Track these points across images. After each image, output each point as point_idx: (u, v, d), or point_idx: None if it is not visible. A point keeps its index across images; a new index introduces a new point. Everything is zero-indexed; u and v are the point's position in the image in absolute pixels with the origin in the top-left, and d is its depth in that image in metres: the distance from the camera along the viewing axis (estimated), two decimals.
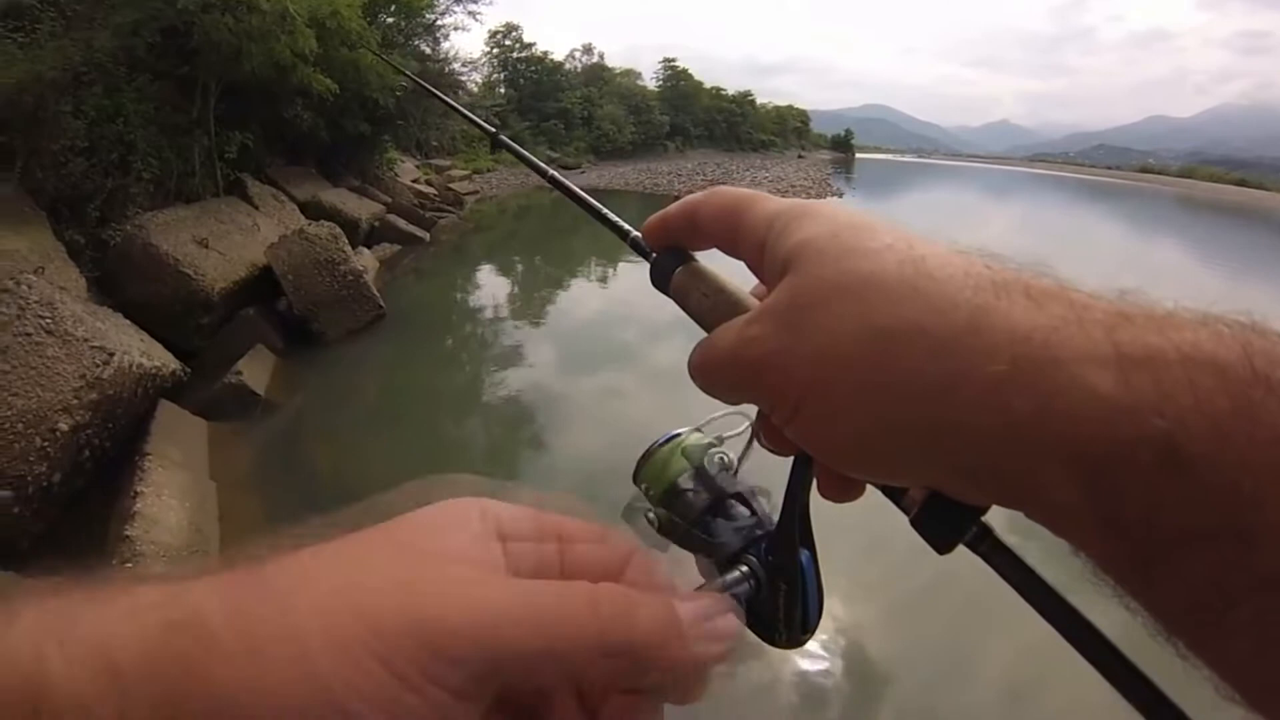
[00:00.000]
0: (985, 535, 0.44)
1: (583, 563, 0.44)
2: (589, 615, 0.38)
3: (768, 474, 0.64)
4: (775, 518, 0.59)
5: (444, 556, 0.38)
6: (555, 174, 0.91)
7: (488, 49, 54.07)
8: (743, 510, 0.62)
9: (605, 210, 0.73)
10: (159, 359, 6.48)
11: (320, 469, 6.70)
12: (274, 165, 14.41)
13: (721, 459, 0.65)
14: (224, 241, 9.51)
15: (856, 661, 4.75)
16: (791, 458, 0.52)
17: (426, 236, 17.48)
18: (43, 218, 8.05)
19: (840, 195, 42.54)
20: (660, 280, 0.62)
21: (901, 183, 73.07)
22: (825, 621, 0.55)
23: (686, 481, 0.64)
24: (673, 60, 76.78)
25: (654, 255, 0.63)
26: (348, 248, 9.93)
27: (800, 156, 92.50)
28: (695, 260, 0.61)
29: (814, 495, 0.53)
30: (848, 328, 0.41)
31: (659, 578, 0.46)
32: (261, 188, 12.85)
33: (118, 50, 9.54)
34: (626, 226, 0.68)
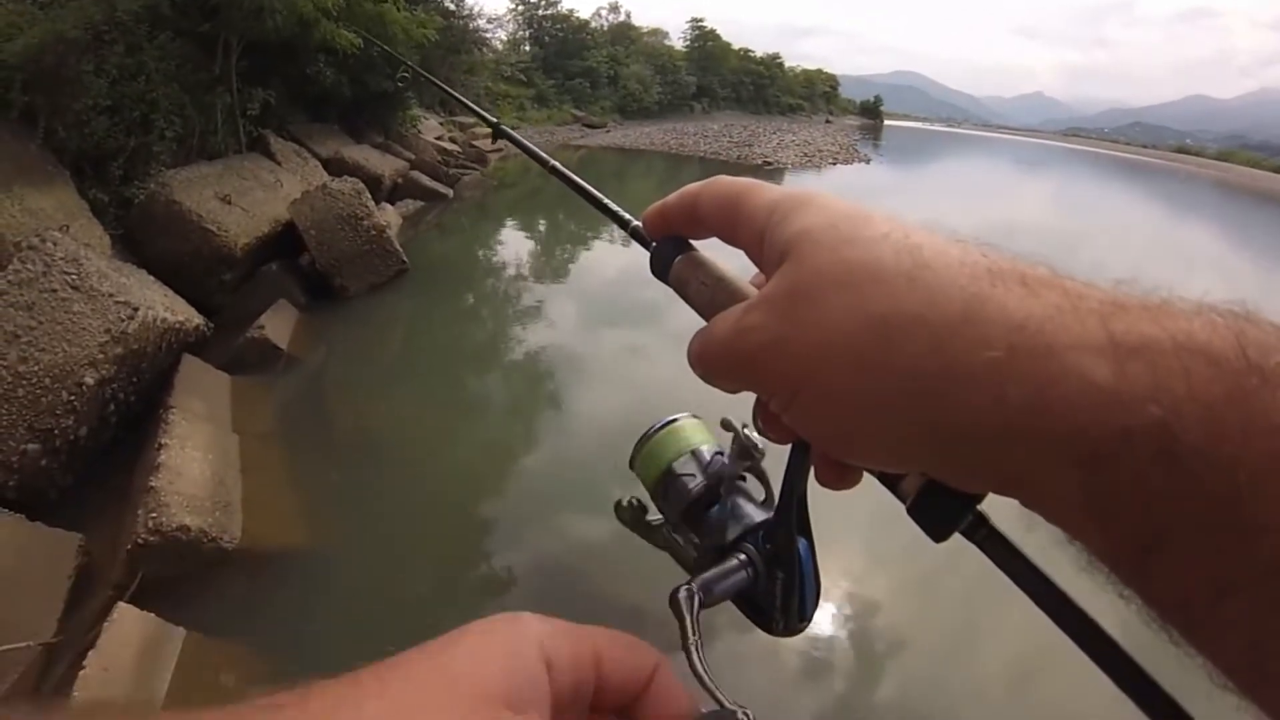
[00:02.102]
0: (981, 523, 0.46)
1: (615, 678, 0.43)
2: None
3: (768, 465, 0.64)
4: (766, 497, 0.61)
5: (497, 701, 0.37)
6: (556, 164, 0.94)
7: (513, 5, 53.82)
8: (739, 497, 0.63)
9: (605, 199, 0.78)
10: (182, 314, 6.52)
11: (342, 422, 6.77)
12: (297, 122, 14.33)
13: (717, 447, 0.66)
14: (247, 198, 9.52)
15: (860, 633, 4.78)
16: (788, 445, 0.53)
17: (450, 193, 17.43)
18: (66, 176, 8.07)
19: (867, 161, 42.09)
20: (660, 269, 0.64)
21: (930, 152, 72.19)
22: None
23: (682, 466, 0.66)
24: (700, 20, 76.01)
25: (654, 244, 0.64)
26: (371, 203, 9.94)
27: (828, 121, 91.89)
28: (694, 249, 0.62)
29: (811, 483, 0.54)
30: (845, 317, 0.42)
31: (678, 693, 0.45)
32: (284, 144, 12.82)
33: (140, 8, 9.53)
34: (626, 216, 0.71)
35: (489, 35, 29.14)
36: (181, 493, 4.63)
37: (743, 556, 0.57)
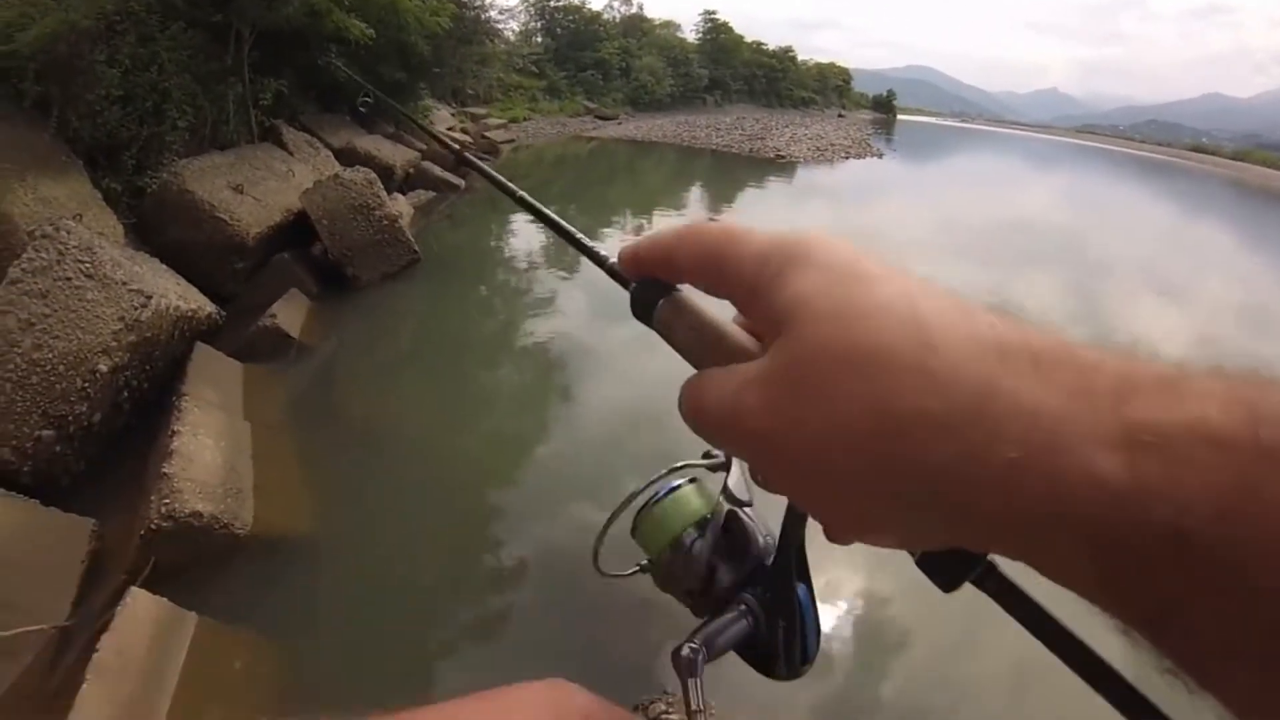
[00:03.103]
0: (991, 572, 0.46)
1: None
2: None
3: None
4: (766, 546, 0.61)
5: None
6: (527, 197, 0.89)
7: None
8: (745, 545, 0.63)
9: (581, 237, 0.74)
10: (195, 302, 6.55)
11: (353, 410, 6.77)
12: (308, 112, 14.38)
13: (718, 504, 0.66)
14: (259, 187, 9.55)
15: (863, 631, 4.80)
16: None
17: (461, 183, 17.40)
18: (79, 166, 8.10)
19: (880, 156, 42.02)
20: (641, 312, 0.60)
21: (942, 146, 71.86)
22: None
23: (690, 534, 0.66)
24: (713, 13, 75.70)
25: (633, 285, 0.61)
26: (383, 193, 9.95)
27: (840, 115, 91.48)
28: (678, 291, 0.58)
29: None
30: (849, 407, 0.40)
31: None
32: (296, 134, 12.85)
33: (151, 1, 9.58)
34: (604, 254, 0.68)
35: (501, 26, 29.07)
36: (194, 479, 4.65)
37: (742, 606, 0.58)
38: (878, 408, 0.39)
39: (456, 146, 1.24)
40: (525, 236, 14.48)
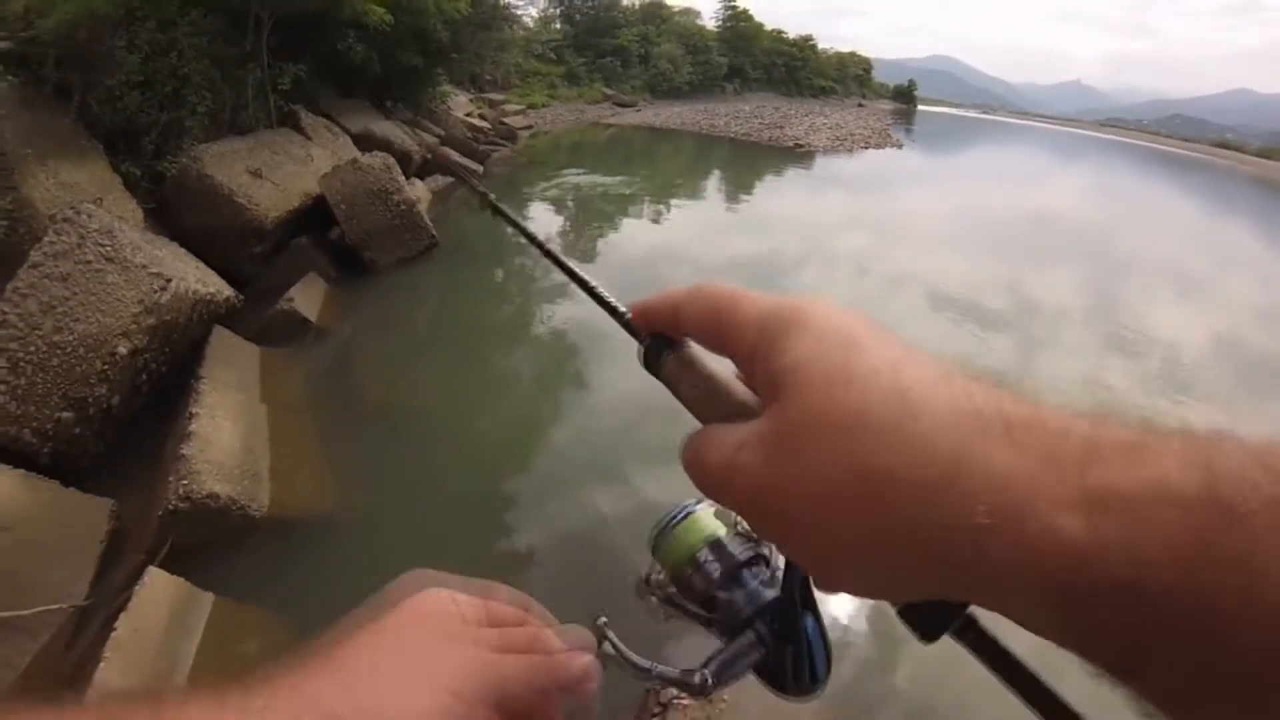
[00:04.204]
0: (970, 625, 0.47)
1: (506, 622, 0.57)
2: (544, 671, 0.53)
3: None
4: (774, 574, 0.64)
5: (445, 640, 0.52)
6: (546, 246, 0.90)
7: None
8: (755, 575, 0.65)
9: (599, 288, 0.74)
10: (214, 285, 6.60)
11: (368, 394, 6.82)
12: (327, 98, 14.38)
13: (737, 527, 0.68)
14: (278, 172, 9.59)
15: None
16: None
17: (480, 170, 17.46)
18: (99, 150, 8.18)
19: (900, 146, 41.91)
20: (651, 365, 0.62)
21: (963, 138, 71.34)
22: None
23: (704, 555, 0.67)
24: (733, 1, 75.48)
25: (645, 339, 0.63)
26: (401, 178, 9.98)
27: (860, 104, 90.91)
28: (686, 346, 0.60)
29: None
30: (834, 468, 0.42)
31: (541, 618, 0.61)
32: (315, 119, 12.87)
33: None
34: (621, 308, 0.68)
35: (520, 13, 29.05)
36: (211, 461, 4.70)
37: (753, 636, 0.61)
38: (860, 471, 0.42)
39: (481, 191, 1.24)
40: (542, 223, 14.51)
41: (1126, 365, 10.41)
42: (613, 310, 0.69)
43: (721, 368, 0.57)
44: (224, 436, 5.02)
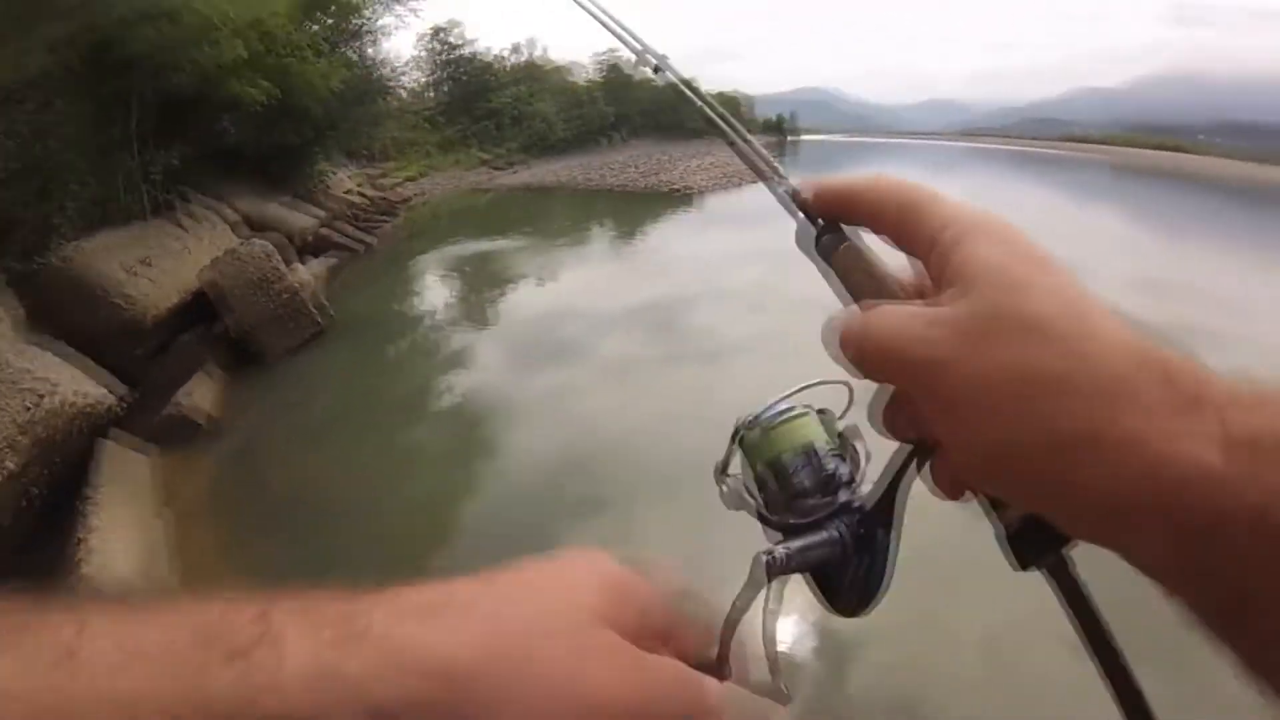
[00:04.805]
0: (1063, 564, 0.50)
1: (659, 623, 0.51)
2: (690, 697, 0.48)
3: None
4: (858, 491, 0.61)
5: (611, 636, 0.47)
6: (721, 113, 0.87)
7: (421, 50, 53.67)
8: (842, 487, 0.63)
9: (767, 156, 0.72)
10: (93, 395, 6.38)
11: (272, 491, 6.61)
12: (205, 183, 14.12)
13: (829, 443, 0.64)
14: (156, 266, 9.35)
15: None
16: (899, 444, 0.57)
17: (364, 246, 17.39)
18: None
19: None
20: (823, 250, 0.63)
21: (838, 163, 73.10)
22: None
23: (793, 460, 0.64)
24: (610, 52, 76.16)
25: (819, 224, 0.63)
26: (282, 265, 9.83)
27: None
28: (859, 236, 0.61)
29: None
30: (1014, 362, 0.45)
31: (708, 635, 0.53)
32: (192, 207, 12.62)
33: (49, 67, 9.34)
34: (783, 174, 0.68)
35: (393, 84, 28.92)
36: (113, 578, 4.50)
37: (834, 533, 0.59)
38: (1034, 366, 0.45)
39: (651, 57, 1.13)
40: (431, 294, 14.45)
41: None
42: (791, 193, 0.66)
43: (887, 262, 0.60)
44: (118, 561, 4.80)
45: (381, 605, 0.43)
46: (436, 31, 54.00)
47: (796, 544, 0.58)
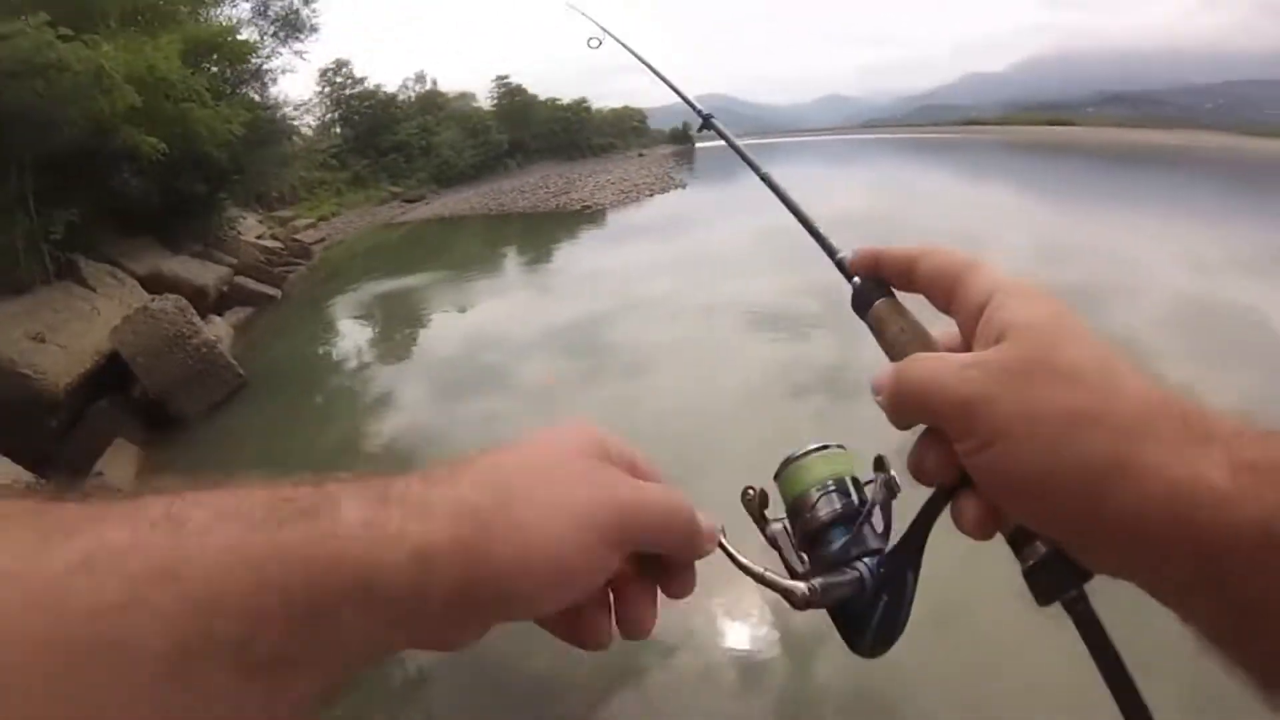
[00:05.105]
0: (1082, 598, 0.54)
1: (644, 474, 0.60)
2: (684, 508, 0.57)
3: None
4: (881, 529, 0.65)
5: (601, 462, 0.56)
6: (763, 172, 0.97)
7: (319, 89, 53.31)
8: (869, 524, 0.66)
9: (816, 225, 0.80)
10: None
11: None
12: (108, 240, 13.79)
13: (854, 480, 0.68)
14: (63, 332, 9.07)
15: None
16: (930, 489, 0.60)
17: (279, 293, 17.15)
18: None
19: (684, 187, 43.23)
20: (861, 306, 0.69)
21: (742, 167, 74.09)
22: None
23: (822, 491, 0.67)
24: (506, 77, 76.16)
25: (857, 280, 0.69)
26: (197, 319, 9.61)
27: (641, 155, 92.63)
28: (895, 295, 0.67)
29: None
30: (1050, 399, 0.50)
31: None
32: (97, 267, 12.31)
33: None
34: (835, 246, 0.74)
35: (297, 123, 28.57)
36: None
37: (858, 572, 0.62)
38: (1070, 404, 0.50)
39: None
40: (351, 337, 14.35)
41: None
42: (829, 250, 0.75)
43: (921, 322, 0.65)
44: None
45: (415, 476, 0.50)
46: (325, 72, 53.86)
47: (824, 581, 0.61)
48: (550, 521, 0.50)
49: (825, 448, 0.70)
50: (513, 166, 66.52)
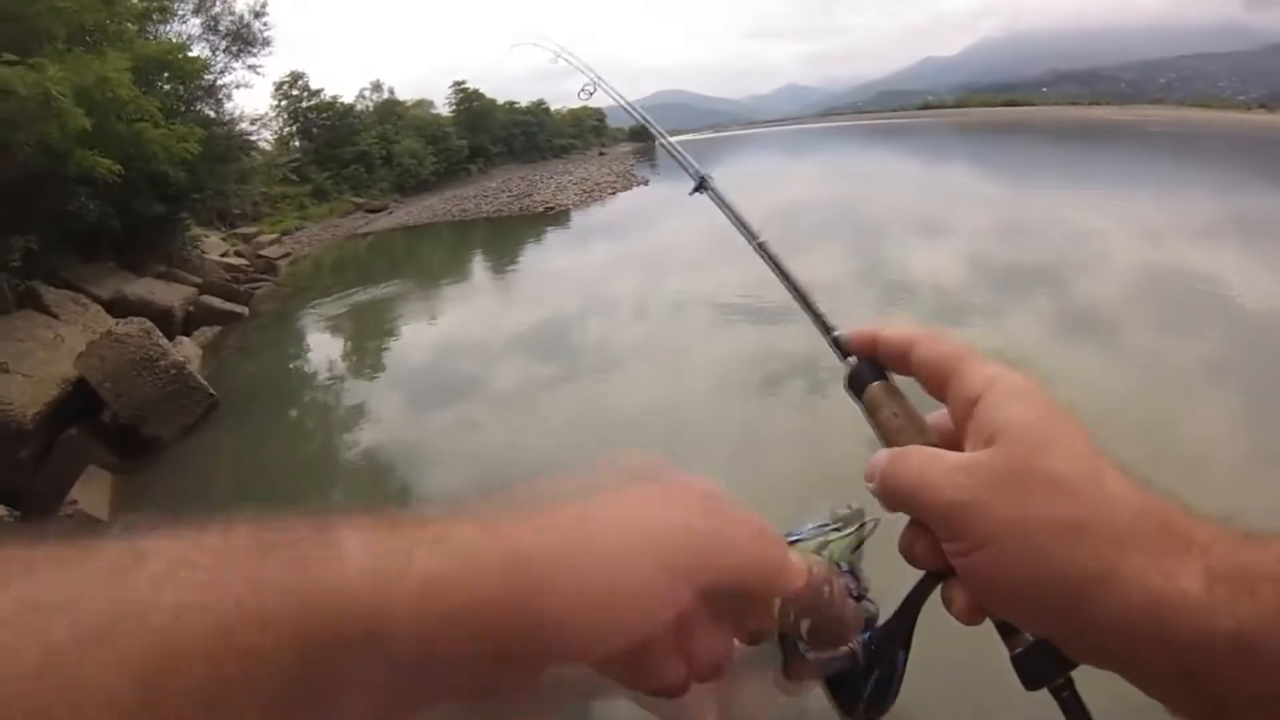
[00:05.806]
0: (1068, 685, 0.56)
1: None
2: (777, 539, 0.57)
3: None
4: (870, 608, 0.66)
5: (683, 508, 0.53)
6: (760, 241, 0.87)
7: (276, 102, 52.92)
8: (860, 602, 0.66)
9: (815, 302, 0.75)
10: None
11: None
12: (69, 266, 13.64)
13: (850, 563, 0.68)
14: (27, 361, 8.95)
15: None
16: (920, 572, 0.61)
17: (246, 311, 17.02)
18: None
19: (646, 184, 43.47)
20: (856, 386, 0.68)
21: (704, 160, 73.33)
22: None
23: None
24: (462, 83, 75.89)
25: (852, 360, 0.69)
26: (164, 341, 9.53)
27: (601, 153, 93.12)
28: (890, 378, 0.67)
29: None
30: (1037, 509, 0.52)
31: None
32: (58, 293, 12.18)
33: None
34: (831, 324, 0.72)
35: (255, 138, 28.30)
36: None
37: (851, 648, 0.63)
38: (1055, 515, 0.51)
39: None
40: (321, 351, 14.31)
41: (908, 310, 11.66)
42: (825, 327, 0.74)
43: (916, 408, 0.66)
44: None
45: (432, 518, 0.46)
46: (280, 85, 53.43)
47: (821, 656, 0.62)
48: (604, 543, 0.48)
49: (823, 526, 0.70)
50: (474, 172, 66.42)
